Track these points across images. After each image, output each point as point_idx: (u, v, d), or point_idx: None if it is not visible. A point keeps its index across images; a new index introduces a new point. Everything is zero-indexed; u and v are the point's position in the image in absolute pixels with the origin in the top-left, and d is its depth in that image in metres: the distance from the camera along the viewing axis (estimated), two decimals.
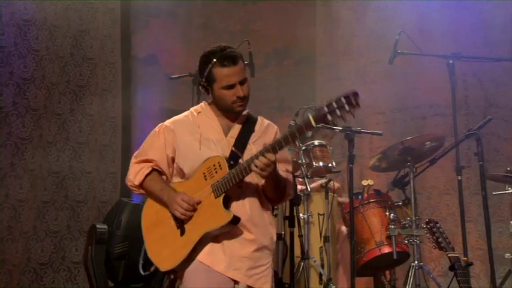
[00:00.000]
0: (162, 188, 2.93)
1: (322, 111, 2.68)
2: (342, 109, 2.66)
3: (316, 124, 2.70)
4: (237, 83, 2.89)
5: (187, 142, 2.93)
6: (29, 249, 5.40)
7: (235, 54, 2.91)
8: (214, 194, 2.84)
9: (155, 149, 2.97)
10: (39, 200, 5.47)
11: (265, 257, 2.94)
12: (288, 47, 6.95)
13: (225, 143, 2.94)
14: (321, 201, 4.46)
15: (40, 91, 5.53)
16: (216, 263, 2.85)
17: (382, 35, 6.17)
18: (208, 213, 2.84)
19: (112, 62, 5.92)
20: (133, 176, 2.99)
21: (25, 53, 5.48)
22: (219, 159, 2.86)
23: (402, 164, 4.55)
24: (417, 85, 6.21)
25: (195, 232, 2.84)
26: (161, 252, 2.90)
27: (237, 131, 2.95)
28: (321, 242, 4.41)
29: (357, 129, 4.22)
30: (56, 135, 5.58)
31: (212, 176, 2.85)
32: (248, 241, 2.89)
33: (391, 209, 4.52)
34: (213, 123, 2.96)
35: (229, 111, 2.94)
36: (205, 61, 2.92)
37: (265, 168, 2.76)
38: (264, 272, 2.91)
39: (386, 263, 4.53)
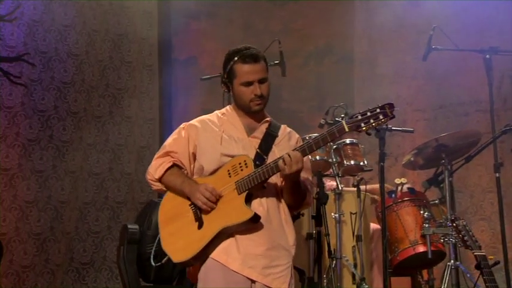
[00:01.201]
0: (184, 180, 2.94)
1: (357, 118, 2.74)
2: (376, 119, 2.72)
3: (349, 130, 2.76)
4: (256, 81, 2.91)
5: (208, 138, 2.96)
6: (72, 249, 5.54)
7: (257, 53, 2.95)
8: (238, 191, 2.85)
9: (178, 143, 2.99)
10: (81, 201, 5.60)
11: (283, 257, 2.91)
12: (328, 45, 6.90)
13: (247, 142, 2.96)
14: (353, 199, 4.41)
15: (80, 94, 5.67)
16: (231, 261, 2.85)
17: (422, 31, 6.05)
18: (229, 208, 2.85)
19: (149, 64, 6.01)
20: (153, 169, 2.99)
21: (65, 58, 5.62)
22: (246, 158, 2.88)
23: (436, 162, 4.45)
24: (459, 81, 6.07)
25: (214, 226, 2.85)
26: (176, 243, 2.90)
27: (260, 133, 2.97)
28: (353, 241, 4.35)
29: (388, 127, 4.15)
30: (95, 138, 5.71)
31: (237, 173, 2.86)
32: (262, 239, 2.87)
33: (425, 207, 4.43)
34: (235, 123, 2.99)
35: (247, 109, 2.96)
36: (228, 58, 2.97)
37: (291, 165, 2.77)
38: (282, 273, 2.88)
39: (422, 263, 4.44)
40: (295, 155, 2.78)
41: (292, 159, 2.77)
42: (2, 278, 5.18)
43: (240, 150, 2.92)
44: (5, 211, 5.26)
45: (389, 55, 6.44)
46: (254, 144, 2.95)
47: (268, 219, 2.88)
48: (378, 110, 2.72)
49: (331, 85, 6.73)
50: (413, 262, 4.39)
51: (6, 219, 5.27)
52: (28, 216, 5.37)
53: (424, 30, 6.03)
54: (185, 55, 6.55)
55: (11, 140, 5.33)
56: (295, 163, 2.77)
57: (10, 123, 5.34)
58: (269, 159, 2.90)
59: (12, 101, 5.37)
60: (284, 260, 2.90)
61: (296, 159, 2.77)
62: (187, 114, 6.39)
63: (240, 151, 2.92)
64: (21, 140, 5.37)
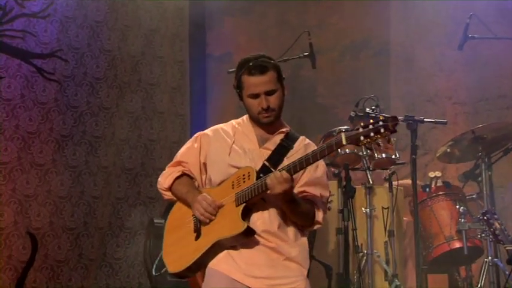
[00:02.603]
0: (189, 190, 2.90)
1: (357, 131, 2.60)
2: (377, 132, 2.57)
3: (347, 143, 2.62)
4: (262, 94, 2.81)
5: (218, 147, 2.91)
6: (105, 244, 5.55)
7: (266, 64, 2.83)
8: (236, 203, 2.78)
9: (189, 153, 2.97)
10: (114, 196, 5.61)
11: (294, 269, 2.78)
12: (364, 39, 6.77)
13: (257, 153, 2.87)
14: (385, 194, 4.29)
15: (112, 90, 5.68)
16: (233, 271, 2.76)
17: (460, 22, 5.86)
18: (225, 221, 2.78)
19: (180, 60, 5.99)
20: (163, 179, 2.99)
21: (97, 54, 5.64)
22: (250, 169, 2.80)
23: (472, 155, 4.29)
24: (501, 72, 5.86)
25: (209, 238, 2.78)
26: (173, 254, 2.87)
27: (273, 145, 2.88)
28: (385, 237, 4.23)
29: (419, 119, 4.02)
30: (128, 133, 5.71)
31: (239, 185, 2.80)
32: (268, 249, 2.77)
33: (461, 201, 4.28)
34: (248, 133, 2.91)
35: (257, 121, 2.88)
36: (237, 68, 2.90)
37: (274, 186, 2.66)
38: (291, 284, 2.76)
39: (457, 259, 4.30)
40: (279, 176, 2.65)
41: (275, 180, 2.66)
42: (36, 273, 5.23)
43: (248, 162, 2.84)
44: (40, 206, 5.31)
45: (427, 47, 6.27)
46: (264, 155, 2.86)
47: (272, 232, 2.77)
48: (381, 123, 2.56)
49: (367, 80, 6.60)
50: (448, 258, 4.26)
51: (41, 214, 5.32)
52: (62, 211, 5.41)
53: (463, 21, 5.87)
54: (220, 51, 6.52)
55: (45, 136, 5.38)
56: (278, 183, 2.66)
57: (44, 119, 5.39)
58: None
59: (45, 97, 5.41)
60: (294, 272, 2.78)
61: (279, 180, 2.66)
62: (222, 110, 6.35)
63: (247, 162, 2.84)
64: (55, 135, 5.41)
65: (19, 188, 5.23)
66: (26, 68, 5.30)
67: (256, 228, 2.75)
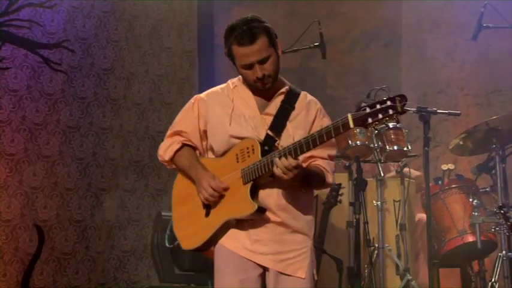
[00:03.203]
0: (191, 164, 2.77)
1: (364, 112, 2.46)
2: (385, 113, 2.44)
3: (354, 125, 2.49)
4: (256, 63, 2.65)
5: (218, 117, 2.76)
6: (112, 237, 5.50)
7: (254, 31, 2.65)
8: (243, 180, 2.68)
9: (188, 121, 2.82)
10: (121, 188, 5.56)
11: (299, 241, 2.72)
12: (375, 29, 6.67)
13: (258, 120, 2.74)
14: (397, 187, 4.20)
15: (120, 81, 5.62)
16: (241, 248, 2.70)
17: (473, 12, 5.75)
18: (234, 199, 2.69)
19: (189, 50, 5.91)
20: (163, 151, 2.84)
21: (105, 44, 5.57)
22: (253, 142, 2.68)
23: (486, 147, 4.20)
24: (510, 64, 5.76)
25: (218, 217, 2.71)
26: (185, 229, 2.80)
27: (274, 109, 2.74)
28: (397, 230, 4.15)
29: (432, 110, 3.93)
30: (136, 125, 5.65)
31: (244, 159, 2.68)
32: (274, 224, 2.70)
33: (475, 195, 4.19)
34: (247, 98, 2.75)
35: (255, 89, 2.74)
36: (226, 36, 2.74)
37: (286, 172, 2.58)
38: (297, 258, 2.70)
39: (471, 253, 4.21)
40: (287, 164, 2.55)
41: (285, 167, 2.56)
42: (43, 265, 5.19)
43: (250, 131, 2.72)
44: (46, 198, 5.27)
45: (439, 37, 6.17)
46: (267, 122, 2.73)
47: (280, 207, 2.70)
48: (388, 103, 2.43)
49: (378, 70, 6.50)
50: (461, 253, 4.17)
51: (48, 206, 5.27)
52: (69, 203, 5.36)
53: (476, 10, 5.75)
54: None
55: (52, 127, 5.33)
56: (285, 173, 2.58)
57: (51, 110, 5.33)
58: (282, 140, 2.69)
59: (52, 88, 5.35)
60: (300, 244, 2.72)
61: (288, 168, 2.57)
62: None
63: (250, 132, 2.71)
64: (62, 127, 5.36)
65: (26, 179, 5.18)
66: (33, 59, 5.24)
67: (265, 204, 2.68)
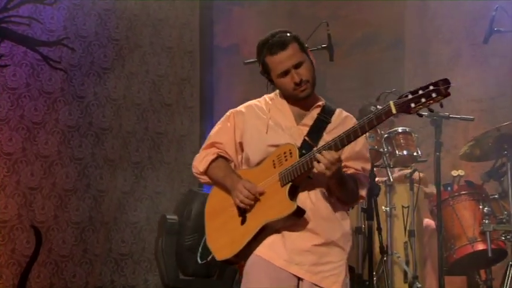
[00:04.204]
0: (226, 174, 2.75)
1: (406, 98, 2.44)
2: (428, 97, 2.41)
3: (397, 112, 2.46)
4: (291, 68, 2.65)
5: (255, 125, 2.75)
6: (110, 240, 5.40)
7: (284, 38, 2.67)
8: (281, 182, 2.62)
9: (223, 133, 2.80)
10: (119, 190, 5.46)
11: (335, 254, 2.65)
12: (376, 32, 6.61)
13: (295, 130, 2.72)
14: (405, 192, 4.12)
15: (120, 80, 5.52)
16: (276, 258, 2.62)
17: (479, 16, 5.71)
18: (271, 202, 2.63)
19: (190, 50, 5.82)
20: (198, 162, 2.83)
21: (105, 43, 5.48)
22: (291, 146, 2.65)
23: (498, 153, 4.13)
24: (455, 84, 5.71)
25: (256, 221, 2.63)
26: (219, 241, 2.72)
27: (310, 120, 2.73)
28: (405, 237, 4.07)
29: (444, 115, 3.86)
30: (135, 125, 5.55)
31: (281, 163, 2.64)
32: (310, 234, 2.63)
33: (485, 202, 4.12)
34: (284, 109, 2.76)
35: (294, 98, 2.72)
36: (258, 52, 2.74)
37: (329, 167, 2.52)
38: (333, 271, 2.63)
39: (480, 262, 4.14)
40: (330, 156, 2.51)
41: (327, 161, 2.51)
42: (40, 267, 5.07)
43: (287, 139, 2.69)
44: (44, 199, 5.16)
45: (443, 42, 6.11)
46: (303, 132, 2.71)
47: (318, 213, 2.64)
48: (431, 88, 2.41)
49: (379, 74, 6.44)
50: (471, 261, 4.10)
51: (45, 207, 5.16)
52: (67, 204, 5.25)
53: (481, 15, 5.71)
54: (227, 42, 6.36)
55: (50, 126, 5.22)
56: (331, 165, 2.52)
57: (50, 109, 5.23)
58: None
59: (51, 86, 5.25)
60: (336, 257, 2.66)
61: (331, 161, 2.51)
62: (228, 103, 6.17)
63: (287, 140, 2.69)
64: (61, 126, 5.25)
65: (23, 180, 5.08)
66: (32, 56, 5.14)
67: (304, 207, 2.62)
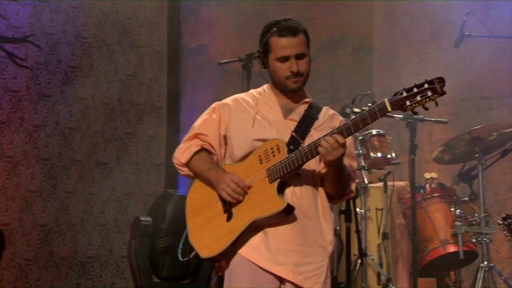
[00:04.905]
0: (210, 167, 2.68)
1: (401, 96, 2.44)
2: (424, 96, 2.42)
3: (392, 109, 2.45)
4: (293, 57, 2.63)
5: (241, 119, 2.71)
6: (77, 242, 5.27)
7: (297, 25, 2.66)
8: (269, 179, 2.58)
9: (208, 125, 2.74)
10: (87, 191, 5.34)
11: (318, 254, 2.63)
12: (343, 35, 6.64)
13: (282, 125, 2.69)
14: (379, 195, 4.15)
15: (88, 79, 5.40)
16: (259, 257, 2.58)
17: (445, 20, 5.80)
18: (259, 199, 2.58)
19: (159, 50, 5.73)
20: (180, 153, 2.74)
21: (73, 41, 5.35)
22: (278, 142, 2.61)
23: (469, 156, 4.19)
24: (484, 74, 5.81)
25: (243, 218, 2.59)
26: (204, 238, 2.65)
27: (298, 115, 2.71)
28: (379, 239, 4.10)
29: (419, 117, 3.90)
30: (103, 125, 5.44)
31: (269, 159, 2.60)
32: (295, 233, 2.60)
33: (456, 204, 4.18)
34: (271, 103, 2.73)
35: (283, 87, 2.69)
36: (265, 30, 2.71)
37: (331, 151, 2.49)
38: (315, 271, 2.61)
39: (451, 263, 4.19)
40: (328, 143, 2.49)
41: (326, 148, 2.49)
42: (3, 271, 4.92)
43: (274, 134, 2.66)
44: (8, 200, 5.01)
45: (411, 45, 6.18)
46: (290, 127, 2.68)
47: (303, 212, 2.61)
48: (426, 86, 2.43)
49: (346, 76, 6.49)
50: (443, 262, 4.15)
51: (9, 209, 5.02)
52: (32, 206, 5.11)
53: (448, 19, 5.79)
54: (195, 43, 6.29)
55: (16, 125, 5.07)
56: (335, 148, 2.49)
57: (14, 108, 5.08)
58: (306, 144, 2.63)
59: (17, 84, 5.10)
60: (318, 257, 2.63)
61: (335, 144, 2.49)
62: (195, 104, 6.13)
63: (274, 135, 2.65)
64: (26, 125, 5.11)
65: None
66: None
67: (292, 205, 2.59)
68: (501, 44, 5.12)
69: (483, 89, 5.83)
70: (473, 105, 5.89)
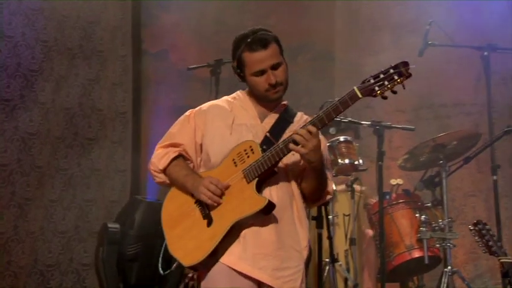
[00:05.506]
0: (187, 173, 2.67)
1: (369, 82, 2.48)
2: (391, 80, 2.47)
3: (362, 96, 2.48)
4: (268, 69, 2.64)
5: (218, 128, 2.71)
6: (36, 251, 5.14)
7: (266, 37, 2.66)
8: (246, 179, 2.59)
9: (184, 133, 2.74)
10: (47, 198, 5.21)
11: (294, 259, 2.65)
12: (304, 43, 6.70)
13: (259, 128, 2.70)
14: (347, 201, 4.20)
15: (48, 84, 5.28)
16: (239, 263, 2.59)
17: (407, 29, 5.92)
18: (239, 199, 2.58)
19: (123, 55, 5.65)
20: (157, 159, 2.72)
21: (33, 44, 5.22)
22: (251, 143, 2.62)
23: (433, 163, 4.28)
24: (442, 82, 5.96)
25: (224, 221, 2.57)
26: (185, 246, 2.63)
27: (273, 119, 2.72)
28: (346, 245, 4.14)
29: (386, 124, 3.96)
30: (64, 131, 5.32)
31: (243, 161, 2.60)
32: (272, 237, 2.61)
33: (421, 210, 4.25)
34: (248, 108, 2.74)
35: (265, 99, 2.70)
36: (235, 46, 2.71)
37: (306, 143, 2.48)
38: (292, 276, 2.63)
39: (416, 268, 4.26)
40: (306, 130, 2.49)
41: (304, 136, 2.48)
42: None
43: (251, 138, 2.67)
44: None
45: (373, 53, 6.27)
46: (266, 129, 2.69)
47: (279, 215, 2.62)
48: (392, 71, 2.50)
49: (305, 84, 6.53)
50: (408, 268, 4.21)
51: None
52: None
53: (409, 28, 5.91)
54: (156, 48, 6.24)
55: None
56: (309, 139, 2.49)
57: None
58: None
59: None
60: (295, 262, 2.65)
61: (308, 135, 2.48)
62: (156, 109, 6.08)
63: (251, 139, 2.66)
64: None
65: None
66: None
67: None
68: (459, 53, 5.25)
69: (441, 96, 5.97)
70: (431, 112, 6.03)
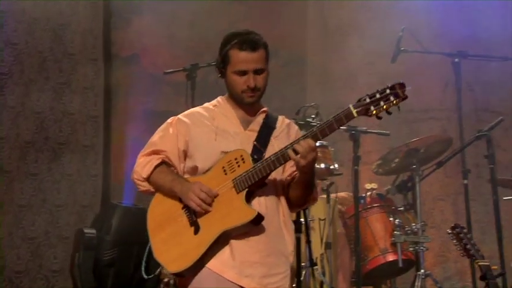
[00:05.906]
0: (174, 178, 2.65)
1: (365, 101, 2.51)
2: (386, 101, 2.51)
3: (358, 115, 2.52)
4: (251, 71, 2.64)
5: (202, 133, 2.69)
6: (4, 257, 5.04)
7: (257, 40, 2.67)
8: (236, 189, 2.58)
9: (166, 141, 2.71)
10: (16, 203, 5.12)
11: (282, 264, 2.66)
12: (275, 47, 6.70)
13: (244, 136, 2.70)
14: (322, 205, 4.22)
15: (18, 87, 5.19)
16: (226, 270, 2.58)
17: (375, 35, 5.98)
18: (227, 209, 2.57)
19: (94, 58, 5.58)
20: (140, 168, 2.70)
21: (2, 46, 5.14)
22: (242, 152, 2.61)
23: (406, 168, 4.34)
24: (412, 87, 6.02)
25: (212, 230, 2.56)
26: (170, 252, 2.60)
27: (257, 126, 2.73)
28: (321, 249, 4.17)
29: (362, 129, 4.00)
30: (34, 135, 5.25)
31: (233, 170, 2.59)
32: (260, 245, 2.61)
33: (395, 214, 4.31)
34: (229, 115, 2.73)
35: (239, 100, 2.70)
36: (225, 41, 2.70)
37: (306, 155, 2.51)
38: (281, 281, 2.64)
39: (390, 272, 4.32)
40: (307, 143, 2.51)
41: (305, 149, 2.51)
42: None
43: (238, 145, 2.66)
44: None
45: (343, 59, 6.33)
46: (251, 137, 2.70)
47: (267, 222, 2.62)
48: (388, 91, 2.53)
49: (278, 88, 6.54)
50: (382, 271, 4.26)
51: None
52: None
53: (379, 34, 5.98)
54: (127, 52, 6.19)
55: None
56: (309, 152, 2.51)
57: None
58: (267, 152, 2.65)
59: None
60: (283, 267, 2.66)
61: (310, 148, 2.51)
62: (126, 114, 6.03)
63: (237, 146, 2.66)
64: None
65: None
66: None
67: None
68: (429, 59, 5.33)
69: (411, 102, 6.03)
70: (401, 117, 6.10)
